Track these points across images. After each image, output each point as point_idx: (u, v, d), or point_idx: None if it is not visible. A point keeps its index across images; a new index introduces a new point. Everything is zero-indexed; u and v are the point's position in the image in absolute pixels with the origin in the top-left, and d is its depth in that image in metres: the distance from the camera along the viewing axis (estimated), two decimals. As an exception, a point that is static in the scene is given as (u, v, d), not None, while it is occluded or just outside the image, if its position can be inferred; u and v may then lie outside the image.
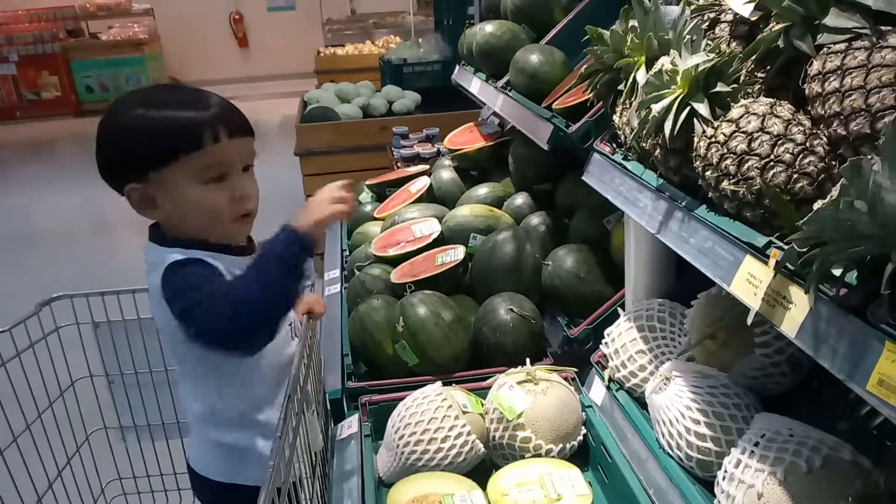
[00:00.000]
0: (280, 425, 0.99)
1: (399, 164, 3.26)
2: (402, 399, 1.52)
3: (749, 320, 0.86)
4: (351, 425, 1.54)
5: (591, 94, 1.34)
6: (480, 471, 1.46)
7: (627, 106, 1.21)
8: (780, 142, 0.91)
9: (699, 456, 1.21)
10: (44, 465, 1.66)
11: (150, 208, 1.19)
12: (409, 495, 1.32)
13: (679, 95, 1.01)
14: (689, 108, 1.00)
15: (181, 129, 1.15)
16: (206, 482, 1.34)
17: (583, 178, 1.43)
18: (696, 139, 1.00)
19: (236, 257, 1.24)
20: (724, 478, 1.10)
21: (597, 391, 1.58)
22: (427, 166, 2.95)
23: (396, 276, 2.03)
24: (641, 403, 1.44)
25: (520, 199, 2.29)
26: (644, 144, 1.15)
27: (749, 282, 0.90)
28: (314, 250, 1.18)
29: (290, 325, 1.35)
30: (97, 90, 10.61)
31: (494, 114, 2.88)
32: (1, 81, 10.32)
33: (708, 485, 1.21)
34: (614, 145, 1.37)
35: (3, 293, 4.28)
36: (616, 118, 1.27)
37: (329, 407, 1.63)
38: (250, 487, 1.28)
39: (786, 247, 0.84)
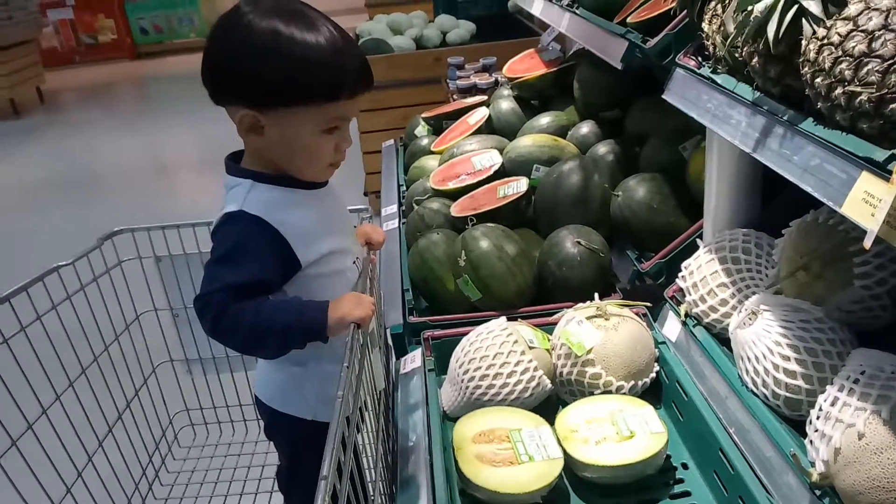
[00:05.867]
0: (347, 356, 0.95)
1: (455, 96, 3.15)
2: (465, 334, 1.48)
3: (867, 244, 0.77)
4: (414, 360, 1.51)
5: (673, 3, 1.22)
6: (546, 407, 1.42)
7: (720, 11, 1.09)
8: (907, 40, 0.79)
9: (787, 394, 1.13)
10: (113, 397, 1.69)
11: (256, 135, 1.14)
12: (475, 429, 1.28)
13: (785, -8, 0.89)
14: (797, 5, 0.88)
15: (326, 77, 1.09)
16: (272, 411, 1.35)
17: (663, 96, 1.31)
18: (804, 42, 0.88)
19: (308, 190, 1.22)
20: (817, 417, 1.02)
21: (671, 327, 1.50)
22: (485, 97, 2.83)
23: (456, 209, 1.96)
24: (721, 340, 1.37)
25: (585, 128, 2.17)
26: (738, 54, 1.04)
27: (866, 201, 0.79)
28: (323, 339, 1.17)
29: (354, 261, 1.31)
30: (152, 32, 10.68)
31: (556, 39, 2.73)
32: (60, 26, 10.45)
33: (796, 424, 1.14)
34: (699, 59, 1.25)
35: (65, 233, 4.42)
36: (705, 25, 1.15)
37: (391, 342, 1.60)
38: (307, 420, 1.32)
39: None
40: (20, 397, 1.39)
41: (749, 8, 0.93)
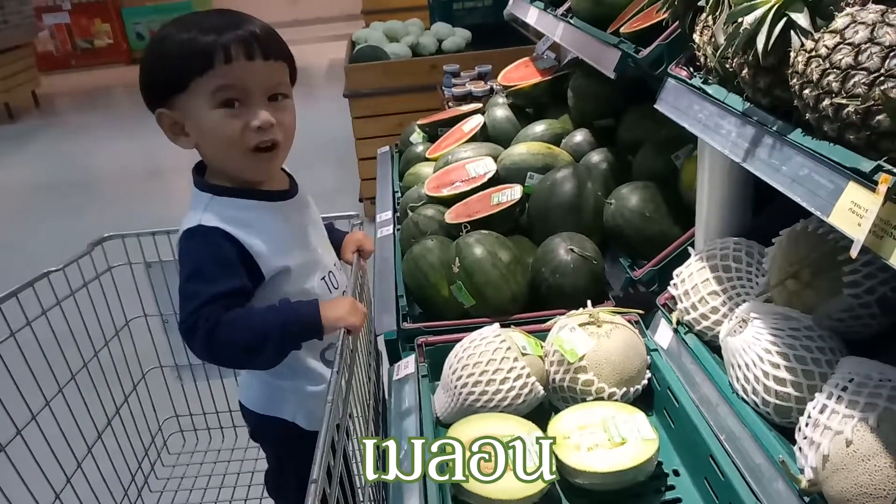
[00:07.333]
0: (337, 361, 0.95)
1: (450, 104, 3.16)
2: (458, 341, 1.48)
3: (853, 253, 0.77)
4: (407, 366, 1.51)
5: (666, 14, 1.23)
6: (539, 413, 1.42)
7: (710, 22, 1.10)
8: (893, 53, 0.80)
9: (777, 401, 1.14)
10: (102, 403, 1.69)
11: (182, 135, 1.16)
12: (468, 435, 1.28)
13: (774, 5, 0.90)
14: (785, 18, 0.89)
15: (194, 51, 1.09)
16: (256, 415, 1.35)
17: (655, 106, 1.33)
18: (792, 54, 0.89)
19: (271, 202, 1.21)
20: (806, 424, 1.03)
21: (662, 334, 1.51)
22: (480, 105, 2.84)
23: (451, 216, 1.97)
24: (712, 347, 1.37)
25: (579, 136, 2.19)
26: (729, 65, 1.05)
27: (852, 211, 0.80)
28: (319, 336, 1.16)
29: (323, 277, 1.31)
30: (148, 37, 10.68)
31: (551, 48, 2.75)
32: (55, 31, 10.44)
33: (785, 431, 1.14)
34: (691, 69, 1.26)
35: (59, 238, 4.41)
36: (696, 37, 1.16)
37: (385, 348, 1.60)
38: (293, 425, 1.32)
39: (899, 171, 0.74)
40: (9, 403, 1.38)
41: (739, 20, 0.94)
